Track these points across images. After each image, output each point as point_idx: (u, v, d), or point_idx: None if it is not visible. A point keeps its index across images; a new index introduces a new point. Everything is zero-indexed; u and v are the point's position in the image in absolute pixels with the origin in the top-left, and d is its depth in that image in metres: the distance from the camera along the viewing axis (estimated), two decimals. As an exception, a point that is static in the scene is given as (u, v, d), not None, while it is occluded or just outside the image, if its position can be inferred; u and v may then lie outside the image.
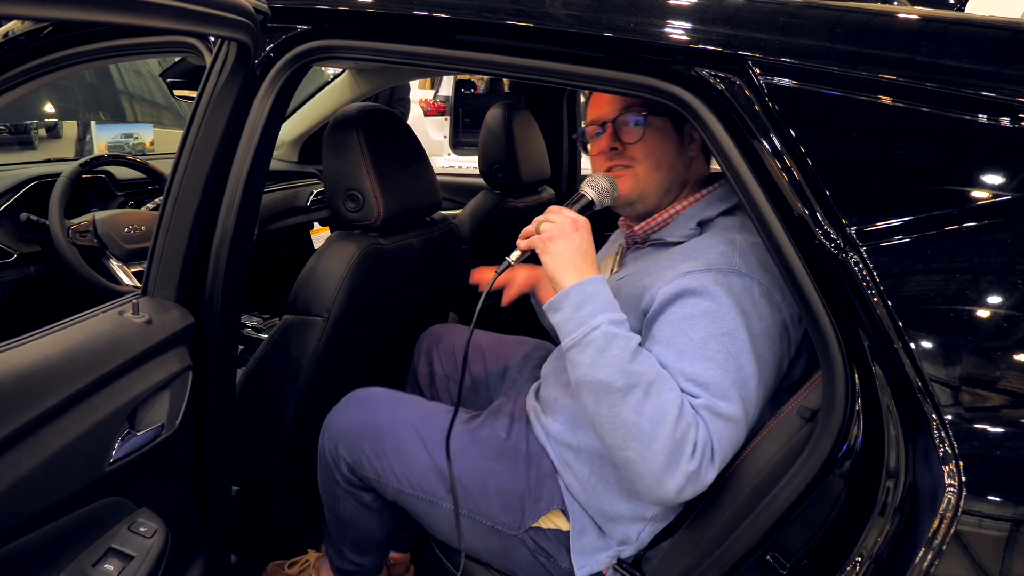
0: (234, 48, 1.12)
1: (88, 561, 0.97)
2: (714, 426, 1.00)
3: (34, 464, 0.87)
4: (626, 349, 1.00)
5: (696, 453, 0.98)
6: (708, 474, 1.00)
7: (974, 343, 0.81)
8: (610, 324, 1.01)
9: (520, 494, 1.26)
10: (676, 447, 0.97)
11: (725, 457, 1.02)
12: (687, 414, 0.99)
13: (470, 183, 3.12)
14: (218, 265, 1.22)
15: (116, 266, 1.91)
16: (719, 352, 1.02)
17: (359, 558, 1.51)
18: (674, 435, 0.97)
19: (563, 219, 1.10)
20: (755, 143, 0.91)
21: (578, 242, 1.08)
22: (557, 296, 1.07)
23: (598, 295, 1.04)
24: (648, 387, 0.98)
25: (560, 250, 1.07)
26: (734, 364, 1.02)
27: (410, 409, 1.40)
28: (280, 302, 1.61)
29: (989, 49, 0.88)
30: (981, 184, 0.85)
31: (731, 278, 1.05)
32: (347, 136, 1.48)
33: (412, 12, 1.10)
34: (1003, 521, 0.78)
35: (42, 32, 1.28)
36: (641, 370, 0.99)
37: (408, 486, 1.32)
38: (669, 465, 0.97)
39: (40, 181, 1.99)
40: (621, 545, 1.20)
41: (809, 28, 0.92)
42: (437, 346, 1.75)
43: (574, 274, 1.06)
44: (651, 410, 0.97)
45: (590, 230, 1.11)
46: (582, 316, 1.03)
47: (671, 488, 0.98)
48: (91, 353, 0.99)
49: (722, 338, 1.02)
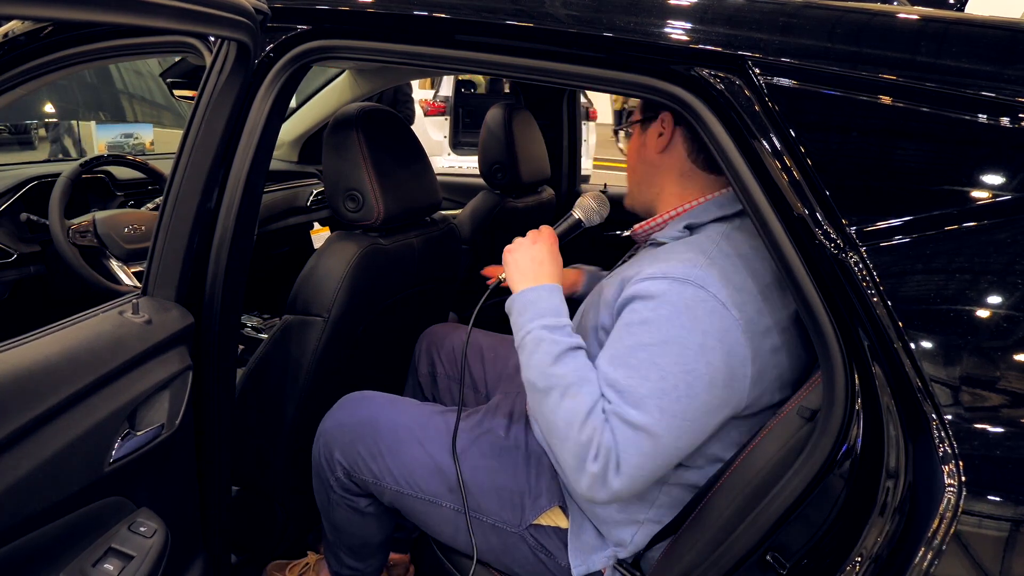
0: (234, 48, 1.12)
1: (88, 561, 0.97)
2: (621, 433, 0.99)
3: (34, 464, 0.87)
4: (549, 353, 1.06)
5: (599, 457, 0.99)
6: (616, 482, 0.99)
7: (974, 343, 0.81)
8: (541, 329, 1.09)
9: (520, 491, 1.26)
10: (583, 448, 1.00)
11: (636, 467, 0.99)
12: (595, 418, 1.01)
13: (470, 183, 3.12)
14: (218, 265, 1.22)
15: (116, 266, 1.91)
16: (644, 361, 1.01)
17: (357, 563, 1.51)
18: (579, 436, 1.00)
19: (531, 233, 1.24)
20: (755, 143, 0.91)
21: (534, 252, 1.20)
22: (507, 301, 1.17)
23: (539, 301, 1.13)
24: (565, 389, 1.03)
25: (517, 260, 1.20)
26: (656, 374, 1.00)
27: (405, 410, 1.41)
28: (280, 302, 1.61)
29: (989, 49, 0.88)
30: (981, 184, 0.85)
31: (684, 287, 1.02)
32: (347, 136, 1.48)
33: (412, 12, 1.10)
34: (1003, 521, 0.78)
35: (42, 32, 1.28)
36: (560, 373, 1.05)
37: (407, 487, 1.32)
38: (578, 465, 1.01)
39: (40, 181, 1.99)
40: (617, 546, 1.20)
41: (809, 28, 0.92)
42: (438, 346, 1.75)
43: (524, 282, 1.17)
44: (565, 411, 1.02)
45: (552, 242, 1.23)
46: (521, 321, 1.13)
47: (583, 487, 1.02)
48: (91, 353, 0.99)
49: (651, 348, 1.01)
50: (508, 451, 1.31)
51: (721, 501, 1.05)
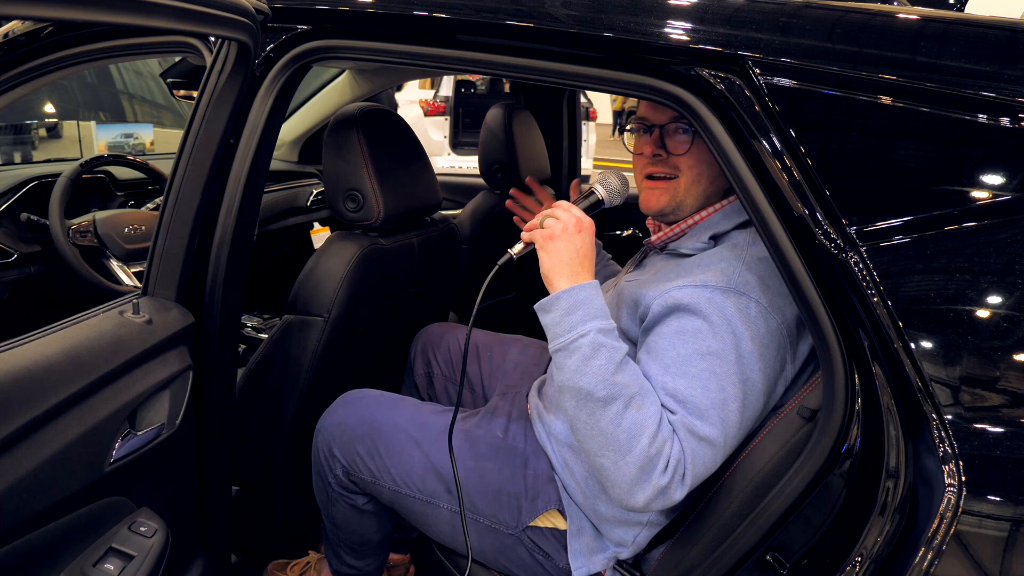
0: (234, 48, 1.12)
1: (89, 560, 0.97)
2: (689, 445, 0.99)
3: (35, 464, 0.87)
4: (611, 360, 1.00)
5: (668, 469, 0.98)
6: (678, 492, 0.99)
7: (974, 343, 0.81)
8: (598, 333, 1.01)
9: (517, 493, 1.26)
10: (650, 461, 0.97)
11: (698, 478, 1.00)
12: (664, 430, 0.98)
13: (470, 183, 3.11)
14: (218, 265, 1.22)
15: (116, 266, 1.91)
16: (703, 371, 1.01)
17: (357, 562, 1.51)
18: (649, 450, 0.97)
19: (568, 217, 1.09)
20: (755, 143, 0.91)
21: (578, 244, 1.07)
22: (549, 298, 1.06)
23: (590, 301, 1.04)
24: (629, 400, 0.98)
25: (559, 250, 1.07)
26: (716, 384, 1.01)
27: (404, 410, 1.40)
28: (280, 302, 1.61)
29: (989, 49, 0.88)
30: (981, 184, 0.85)
31: (728, 297, 1.04)
32: (347, 136, 1.48)
33: (412, 12, 1.10)
34: (1003, 521, 0.78)
35: (42, 32, 1.28)
36: (624, 382, 0.99)
37: (405, 487, 1.32)
38: (640, 478, 0.97)
39: (40, 181, 1.99)
40: (618, 547, 1.20)
41: (809, 28, 0.92)
42: (434, 346, 1.75)
43: (569, 277, 1.06)
44: (629, 423, 0.97)
45: (593, 232, 1.11)
46: (571, 321, 1.02)
47: (640, 500, 0.99)
48: (91, 353, 0.99)
49: (708, 357, 1.01)
50: (506, 452, 1.31)
51: (721, 501, 1.05)
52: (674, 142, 1.18)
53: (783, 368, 1.07)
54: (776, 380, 1.07)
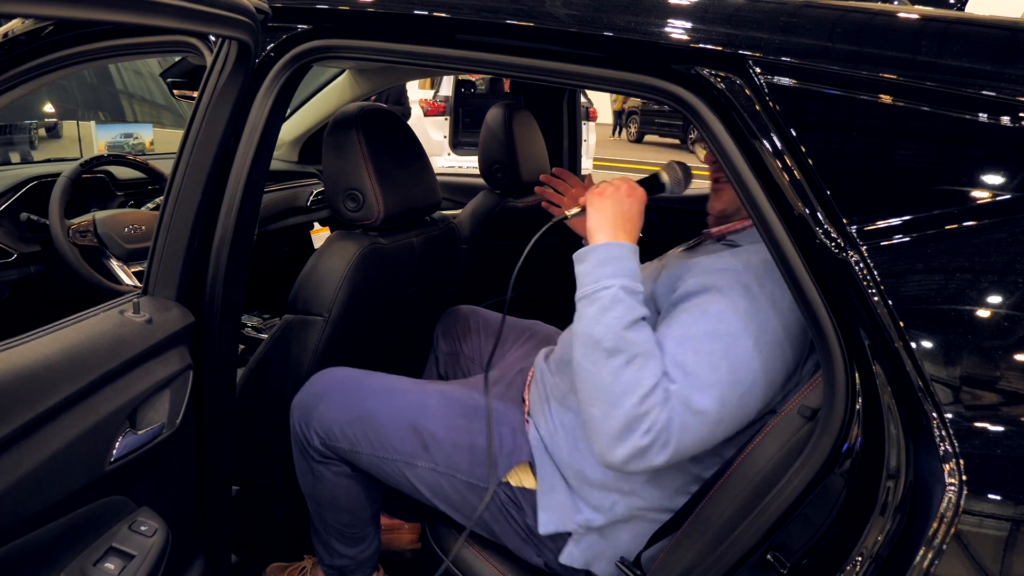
0: (235, 48, 1.12)
1: (89, 560, 0.97)
2: (680, 415, 1.00)
3: (35, 463, 0.87)
4: (626, 316, 1.03)
5: (651, 432, 0.99)
6: (658, 457, 1.00)
7: (974, 342, 0.81)
8: (621, 289, 1.05)
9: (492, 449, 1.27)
10: (636, 419, 1.00)
11: (685, 449, 1.01)
12: (657, 394, 1.00)
13: (470, 183, 3.12)
14: (218, 265, 1.22)
15: (116, 266, 1.91)
16: (716, 350, 1.02)
17: (348, 549, 1.49)
18: (637, 408, 1.00)
19: (621, 183, 1.16)
20: (756, 143, 0.91)
21: (625, 207, 1.13)
22: (586, 248, 1.11)
23: (623, 259, 1.08)
24: (633, 357, 1.02)
25: (605, 207, 1.13)
26: (727, 365, 1.02)
27: (377, 378, 1.42)
28: (280, 302, 1.61)
29: (989, 49, 0.88)
30: (981, 184, 0.85)
31: (764, 285, 1.05)
32: (347, 136, 1.48)
33: (412, 12, 1.10)
34: (1003, 520, 0.78)
35: (42, 32, 1.28)
36: (633, 339, 1.02)
37: (382, 450, 1.32)
38: (623, 434, 1.00)
39: (40, 181, 1.99)
40: (593, 512, 1.20)
41: (809, 27, 0.92)
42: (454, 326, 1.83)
43: (610, 234, 1.11)
44: (627, 378, 1.01)
45: (643, 201, 1.16)
46: (600, 273, 1.07)
47: (618, 455, 1.01)
48: (92, 352, 0.99)
49: (724, 338, 1.03)
50: (480, 411, 1.32)
51: (721, 501, 1.05)
52: None
53: (797, 365, 1.08)
54: (787, 375, 1.07)
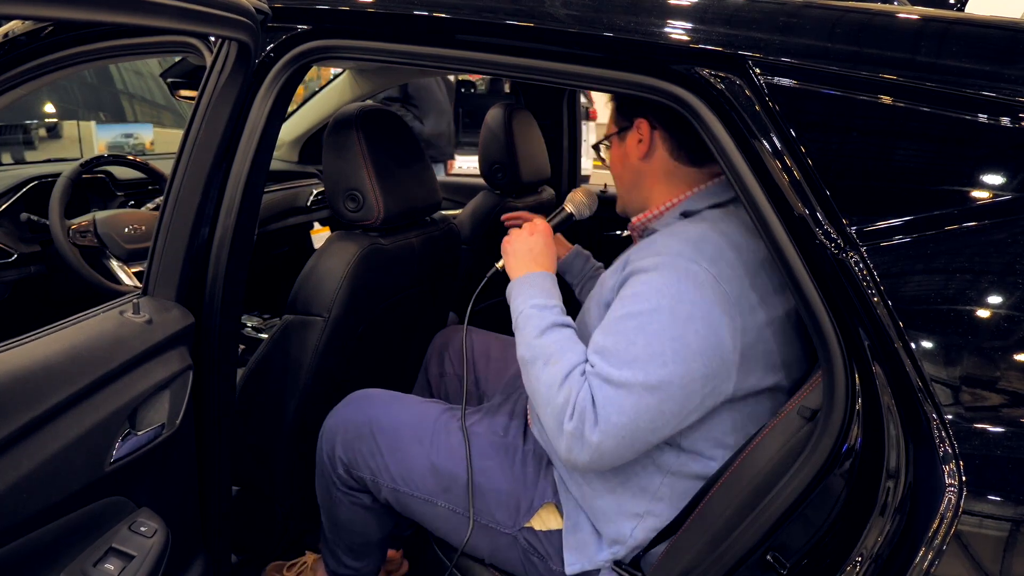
0: (235, 48, 1.12)
1: (89, 560, 0.97)
2: (601, 391, 1.01)
3: (35, 464, 0.87)
4: (536, 328, 1.13)
5: (575, 415, 1.02)
6: (594, 436, 1.01)
7: (974, 343, 0.81)
8: (531, 308, 1.16)
9: (516, 493, 1.26)
10: (560, 410, 1.04)
11: (618, 424, 1.00)
12: (572, 379, 1.05)
13: (470, 183, 3.12)
14: (218, 265, 1.22)
15: (116, 266, 1.91)
16: (632, 328, 1.03)
17: (355, 562, 1.51)
18: (557, 398, 1.04)
19: (526, 225, 1.31)
20: (755, 143, 0.91)
21: (531, 244, 1.27)
22: (507, 289, 1.24)
23: (534, 284, 1.20)
24: (548, 358, 1.08)
25: (515, 250, 1.27)
26: (643, 339, 1.02)
27: (406, 408, 1.41)
28: (280, 302, 1.61)
29: (989, 49, 0.88)
30: (981, 184, 0.85)
31: (677, 260, 1.05)
32: (347, 136, 1.48)
33: (412, 12, 1.10)
34: (1003, 521, 0.78)
35: (42, 32, 1.28)
36: (544, 344, 1.10)
37: (404, 485, 1.33)
38: (557, 428, 1.05)
39: (40, 181, 1.99)
40: (614, 546, 1.19)
41: (809, 28, 0.92)
42: (448, 347, 1.79)
43: (524, 268, 1.24)
44: (548, 377, 1.07)
45: (548, 235, 1.30)
46: (517, 303, 1.19)
47: (562, 449, 1.05)
48: (92, 353, 0.99)
49: (640, 316, 1.04)
50: (506, 450, 1.31)
51: (721, 501, 1.05)
52: (606, 151, 1.33)
53: (731, 337, 1.04)
54: (721, 347, 1.03)
